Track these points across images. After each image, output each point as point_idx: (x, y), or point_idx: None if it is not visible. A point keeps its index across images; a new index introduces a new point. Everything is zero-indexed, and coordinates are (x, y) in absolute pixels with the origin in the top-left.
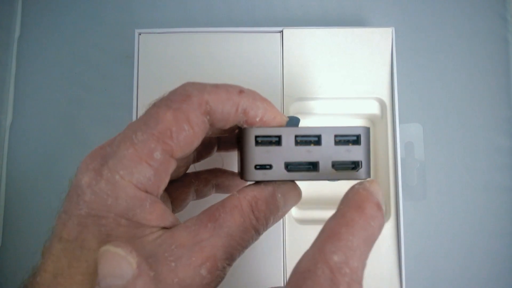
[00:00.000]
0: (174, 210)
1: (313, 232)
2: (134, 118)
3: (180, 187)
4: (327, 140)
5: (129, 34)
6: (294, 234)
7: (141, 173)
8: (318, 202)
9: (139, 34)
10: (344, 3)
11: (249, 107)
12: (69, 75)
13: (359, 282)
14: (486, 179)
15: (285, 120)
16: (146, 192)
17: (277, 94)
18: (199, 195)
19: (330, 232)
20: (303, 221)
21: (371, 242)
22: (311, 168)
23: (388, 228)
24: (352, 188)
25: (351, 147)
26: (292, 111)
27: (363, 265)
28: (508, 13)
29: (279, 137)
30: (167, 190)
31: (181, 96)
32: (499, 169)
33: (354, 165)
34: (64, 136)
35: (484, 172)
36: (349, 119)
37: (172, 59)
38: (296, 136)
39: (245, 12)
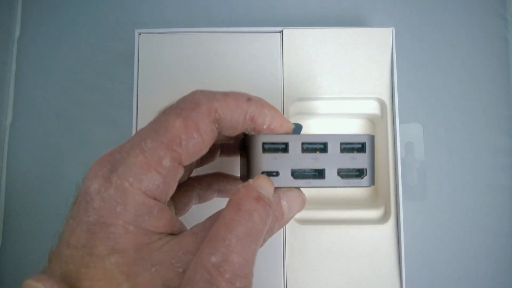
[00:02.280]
0: (177, 214)
1: (313, 232)
2: (134, 118)
3: (183, 191)
4: (333, 148)
5: (129, 34)
6: (294, 234)
7: (150, 180)
8: (318, 202)
9: (139, 34)
10: (344, 3)
11: (257, 115)
12: (69, 75)
13: (244, 276)
14: (486, 179)
15: (291, 127)
16: (155, 199)
17: (277, 94)
18: (201, 199)
19: (210, 237)
20: (303, 221)
21: (254, 235)
22: (317, 175)
23: (388, 228)
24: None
25: (356, 154)
26: (292, 111)
27: (246, 260)
28: (508, 13)
29: (286, 144)
30: None
31: (190, 104)
32: (499, 169)
33: (359, 173)
34: (64, 136)
35: (484, 172)
36: (349, 119)
37: (172, 59)
38: (302, 144)
39: (245, 12)
